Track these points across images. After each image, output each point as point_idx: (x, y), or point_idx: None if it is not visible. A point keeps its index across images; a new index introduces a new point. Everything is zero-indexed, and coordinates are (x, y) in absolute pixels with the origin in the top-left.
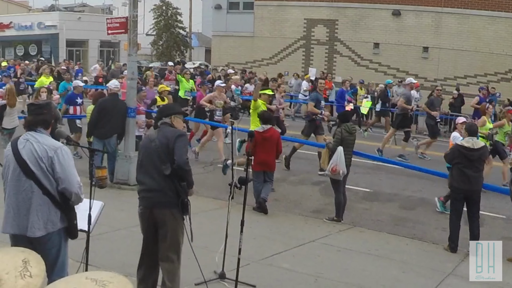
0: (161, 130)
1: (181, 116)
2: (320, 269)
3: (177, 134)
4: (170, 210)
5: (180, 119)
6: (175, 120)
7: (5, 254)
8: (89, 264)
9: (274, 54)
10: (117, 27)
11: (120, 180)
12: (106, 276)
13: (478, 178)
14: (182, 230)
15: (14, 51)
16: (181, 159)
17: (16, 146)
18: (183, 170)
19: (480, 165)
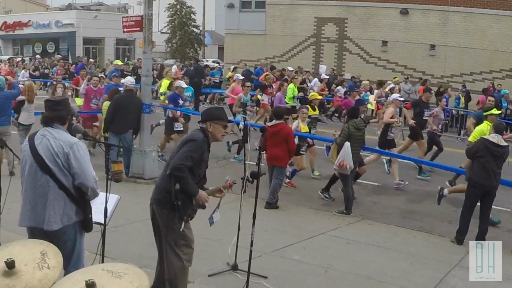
0: (193, 131)
1: (220, 123)
2: (330, 260)
3: (188, 138)
4: (163, 210)
5: (220, 126)
6: (211, 126)
7: (23, 246)
8: (105, 256)
9: (285, 52)
10: (133, 25)
11: (135, 174)
12: (121, 268)
13: (498, 175)
14: (178, 231)
15: (32, 49)
16: (174, 163)
17: (33, 142)
18: (173, 174)
19: (501, 163)
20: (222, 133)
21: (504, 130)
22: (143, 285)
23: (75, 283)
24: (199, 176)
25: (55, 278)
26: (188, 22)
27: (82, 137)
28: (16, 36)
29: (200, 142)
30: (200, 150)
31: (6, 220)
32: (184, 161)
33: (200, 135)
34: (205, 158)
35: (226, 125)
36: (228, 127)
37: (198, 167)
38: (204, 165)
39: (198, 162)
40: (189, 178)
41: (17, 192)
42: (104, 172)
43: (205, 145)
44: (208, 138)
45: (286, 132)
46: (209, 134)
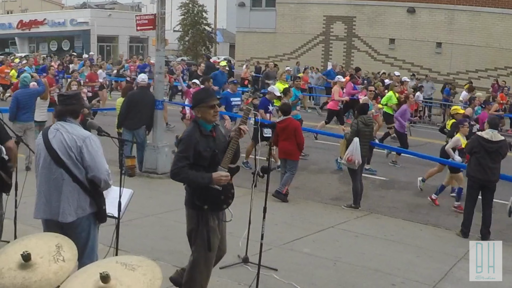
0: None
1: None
2: (339, 253)
3: (179, 138)
4: (188, 209)
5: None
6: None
7: (39, 239)
8: (119, 248)
9: (295, 49)
10: (146, 23)
11: (148, 169)
12: (135, 260)
13: (494, 169)
14: (196, 231)
15: (48, 47)
16: (170, 170)
17: (47, 136)
18: (175, 180)
19: (497, 157)
20: (212, 115)
21: (498, 125)
22: (156, 277)
23: (90, 275)
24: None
25: (70, 270)
26: (200, 20)
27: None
28: (32, 34)
29: (186, 138)
30: (190, 144)
31: (22, 214)
32: (175, 165)
33: (189, 129)
34: (207, 147)
35: (213, 104)
36: (216, 106)
37: (200, 158)
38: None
39: (198, 154)
40: (190, 177)
41: (33, 187)
42: (118, 167)
43: (193, 137)
44: (200, 125)
45: (293, 126)
46: (201, 120)
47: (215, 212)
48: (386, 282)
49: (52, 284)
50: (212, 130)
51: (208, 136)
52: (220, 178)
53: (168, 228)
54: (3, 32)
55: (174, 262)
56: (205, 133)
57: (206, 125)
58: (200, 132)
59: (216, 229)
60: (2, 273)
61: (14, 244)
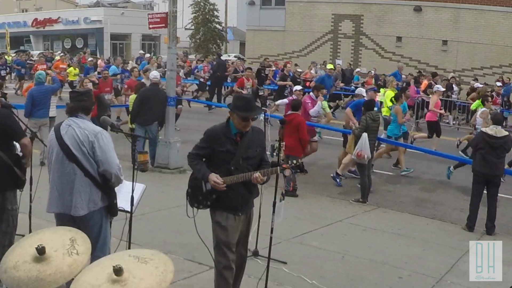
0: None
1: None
2: (347, 247)
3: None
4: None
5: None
6: (232, 116)
7: (53, 233)
8: (131, 242)
9: (304, 47)
10: (158, 21)
11: (160, 164)
12: (147, 254)
13: (499, 164)
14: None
15: (62, 44)
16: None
17: (59, 132)
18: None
19: (502, 153)
20: (242, 125)
21: (502, 121)
22: (168, 270)
23: (103, 268)
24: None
25: (83, 263)
26: (211, 18)
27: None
28: (46, 32)
29: (209, 131)
30: (210, 139)
31: (37, 208)
32: (192, 150)
33: (220, 125)
34: (224, 147)
35: (246, 117)
36: (249, 120)
37: (216, 157)
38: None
39: (216, 153)
40: (194, 164)
41: (47, 182)
42: (130, 162)
43: (216, 132)
44: (229, 125)
45: (297, 122)
46: (231, 122)
47: (230, 210)
48: (393, 275)
49: (66, 277)
50: (237, 135)
51: (230, 139)
52: (215, 184)
53: (179, 222)
54: (18, 30)
55: (185, 255)
56: (228, 135)
57: (233, 128)
58: (226, 131)
59: (227, 228)
60: (17, 266)
61: (29, 237)
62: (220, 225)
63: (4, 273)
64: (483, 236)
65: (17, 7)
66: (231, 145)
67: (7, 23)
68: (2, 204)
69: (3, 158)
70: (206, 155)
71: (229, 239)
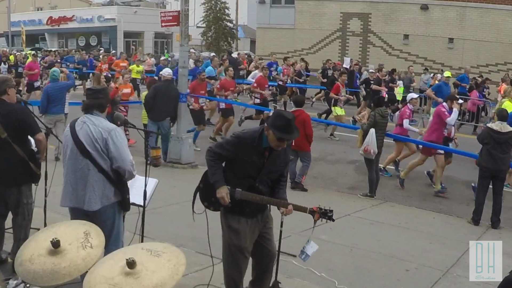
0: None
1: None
2: (355, 240)
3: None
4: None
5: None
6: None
7: (67, 226)
8: (144, 236)
9: (313, 45)
10: (170, 20)
11: (173, 159)
12: (160, 247)
13: (504, 159)
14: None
15: (76, 42)
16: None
17: (74, 128)
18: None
19: (507, 148)
20: (275, 144)
21: (507, 117)
22: (180, 263)
23: (117, 261)
24: (245, 178)
25: (97, 256)
26: (222, 16)
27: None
28: (61, 30)
29: (241, 139)
30: (238, 145)
31: (52, 202)
32: (214, 146)
33: (252, 134)
34: (250, 158)
35: (282, 139)
36: (285, 141)
37: (238, 166)
38: (250, 167)
39: (239, 161)
40: (212, 165)
41: (62, 176)
42: (143, 158)
43: (246, 139)
44: (262, 141)
45: (302, 118)
46: (265, 135)
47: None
48: (400, 268)
49: (81, 270)
50: (267, 149)
51: (258, 152)
52: (221, 197)
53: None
54: (33, 28)
55: (197, 248)
56: (259, 148)
57: (265, 142)
58: (256, 143)
59: (239, 231)
60: (33, 259)
61: (44, 231)
62: (233, 228)
63: (20, 266)
64: (488, 230)
65: (32, 6)
66: (257, 158)
67: (22, 21)
68: (17, 198)
69: (19, 153)
70: (228, 158)
71: (241, 243)
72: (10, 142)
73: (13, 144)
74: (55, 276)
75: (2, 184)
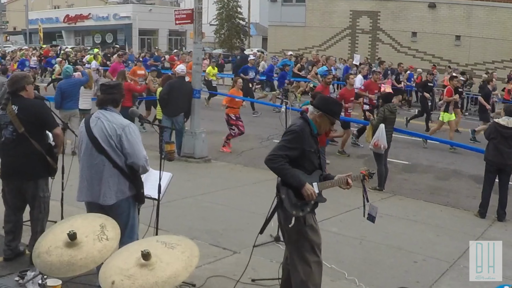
0: (294, 120)
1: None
2: (365, 232)
3: (287, 129)
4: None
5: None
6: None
7: (84, 219)
8: (159, 228)
9: (323, 42)
10: (184, 18)
11: (186, 153)
12: (174, 239)
13: (510, 154)
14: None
15: (93, 39)
16: (267, 155)
17: (89, 124)
18: (269, 167)
19: None
20: (327, 128)
21: None
22: (194, 255)
23: (132, 253)
24: (314, 170)
25: (113, 248)
26: (235, 14)
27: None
28: (77, 28)
29: (302, 131)
30: (300, 139)
31: (68, 196)
32: (276, 151)
33: (300, 124)
34: (311, 147)
35: (334, 123)
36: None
37: (306, 159)
38: (314, 156)
39: (305, 153)
40: (285, 169)
41: (78, 170)
42: (158, 152)
43: (306, 134)
44: (309, 124)
45: None
46: (312, 121)
47: (314, 212)
48: (408, 259)
49: (97, 261)
50: (316, 135)
51: (314, 137)
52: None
53: (205, 209)
54: (50, 26)
55: (210, 241)
56: (313, 134)
57: (314, 128)
58: (310, 130)
59: (316, 228)
60: (50, 251)
61: (61, 224)
62: (313, 228)
63: (37, 257)
64: (494, 223)
65: (49, 4)
66: (316, 145)
67: (40, 19)
68: (34, 191)
69: (36, 147)
70: (295, 156)
71: (319, 239)
72: (27, 136)
73: (31, 139)
74: (72, 267)
75: (19, 178)
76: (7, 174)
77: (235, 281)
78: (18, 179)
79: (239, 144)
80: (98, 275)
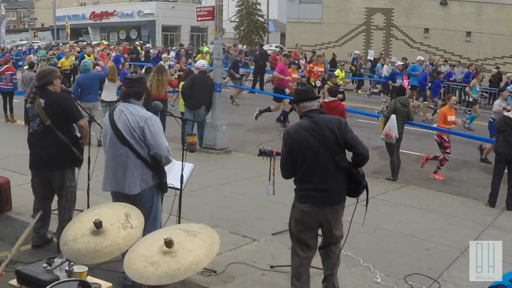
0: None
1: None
2: (379, 221)
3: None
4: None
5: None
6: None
7: (109, 208)
8: (181, 217)
9: (339, 38)
10: (205, 14)
11: (208, 145)
12: (196, 228)
13: None
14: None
15: (117, 36)
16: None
17: (112, 117)
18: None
19: None
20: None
21: None
22: (215, 243)
23: (155, 241)
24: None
25: (137, 236)
26: (254, 11)
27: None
28: (103, 24)
29: None
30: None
31: (94, 185)
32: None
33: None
34: None
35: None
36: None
37: None
38: None
39: None
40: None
41: (103, 161)
42: (180, 144)
43: None
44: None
45: (341, 108)
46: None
47: None
48: (421, 247)
49: (121, 249)
50: None
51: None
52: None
53: (225, 198)
54: (77, 23)
55: (231, 229)
56: None
57: None
58: None
59: None
60: (77, 238)
61: (87, 212)
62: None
63: (64, 245)
64: (503, 212)
65: (76, 1)
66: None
67: (67, 16)
68: (61, 181)
69: (62, 139)
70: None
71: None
72: (53, 128)
73: (57, 131)
74: (98, 254)
75: (47, 168)
76: (35, 165)
77: (254, 267)
78: (45, 169)
79: (258, 136)
80: (123, 262)
